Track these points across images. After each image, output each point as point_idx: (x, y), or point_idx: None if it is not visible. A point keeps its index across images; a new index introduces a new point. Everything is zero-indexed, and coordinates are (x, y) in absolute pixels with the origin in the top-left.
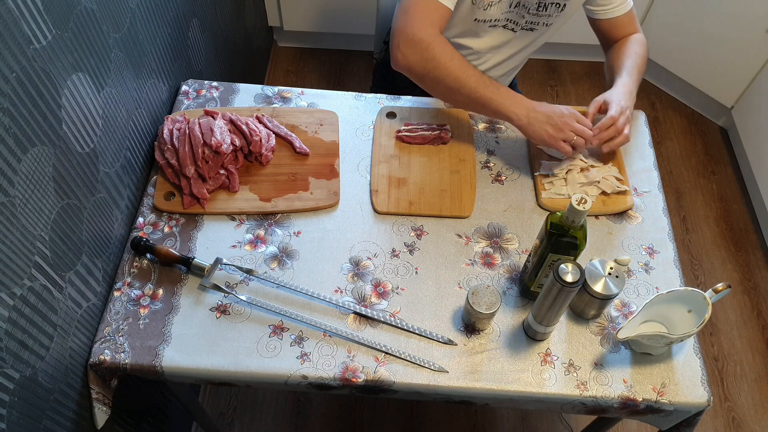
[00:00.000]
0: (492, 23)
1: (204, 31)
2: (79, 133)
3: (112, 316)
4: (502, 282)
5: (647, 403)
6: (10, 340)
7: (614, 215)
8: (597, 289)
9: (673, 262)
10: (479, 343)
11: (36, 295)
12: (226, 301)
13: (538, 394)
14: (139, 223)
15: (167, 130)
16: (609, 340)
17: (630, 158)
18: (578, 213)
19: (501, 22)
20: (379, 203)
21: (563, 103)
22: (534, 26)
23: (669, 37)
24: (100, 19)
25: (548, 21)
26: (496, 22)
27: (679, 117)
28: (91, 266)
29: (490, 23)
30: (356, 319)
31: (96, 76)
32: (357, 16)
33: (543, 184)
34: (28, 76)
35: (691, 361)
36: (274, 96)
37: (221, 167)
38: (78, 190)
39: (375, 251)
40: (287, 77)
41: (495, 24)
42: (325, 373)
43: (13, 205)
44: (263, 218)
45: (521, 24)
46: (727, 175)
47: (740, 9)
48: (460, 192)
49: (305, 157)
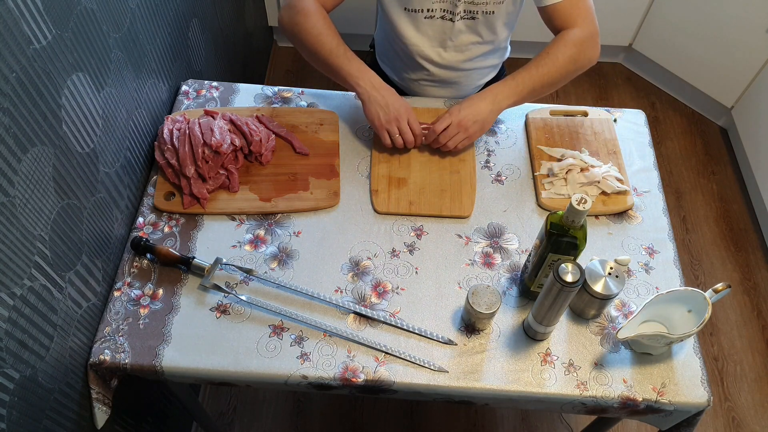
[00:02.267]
0: (427, 14)
1: (204, 31)
2: (79, 133)
3: (112, 316)
4: (502, 282)
5: (647, 403)
6: (10, 340)
7: (614, 215)
8: (597, 289)
9: (673, 262)
10: (479, 343)
11: (36, 295)
12: (226, 301)
13: (538, 394)
14: (139, 223)
15: (167, 130)
16: (609, 340)
17: (630, 158)
18: (578, 213)
19: (437, 13)
20: (379, 203)
21: (563, 103)
22: (474, 15)
23: (669, 37)
24: (100, 19)
25: (486, 8)
26: (431, 13)
27: (679, 117)
28: (91, 266)
29: (425, 14)
30: (356, 319)
31: (96, 76)
32: (357, 16)
33: (543, 184)
34: (28, 76)
35: (691, 361)
36: (274, 96)
37: (221, 167)
38: (78, 190)
39: (375, 251)
40: (287, 77)
41: (431, 15)
42: (325, 373)
43: (13, 205)
44: (263, 218)
45: (459, 13)
46: (727, 175)
47: (740, 9)
48: (460, 192)
49: (305, 157)
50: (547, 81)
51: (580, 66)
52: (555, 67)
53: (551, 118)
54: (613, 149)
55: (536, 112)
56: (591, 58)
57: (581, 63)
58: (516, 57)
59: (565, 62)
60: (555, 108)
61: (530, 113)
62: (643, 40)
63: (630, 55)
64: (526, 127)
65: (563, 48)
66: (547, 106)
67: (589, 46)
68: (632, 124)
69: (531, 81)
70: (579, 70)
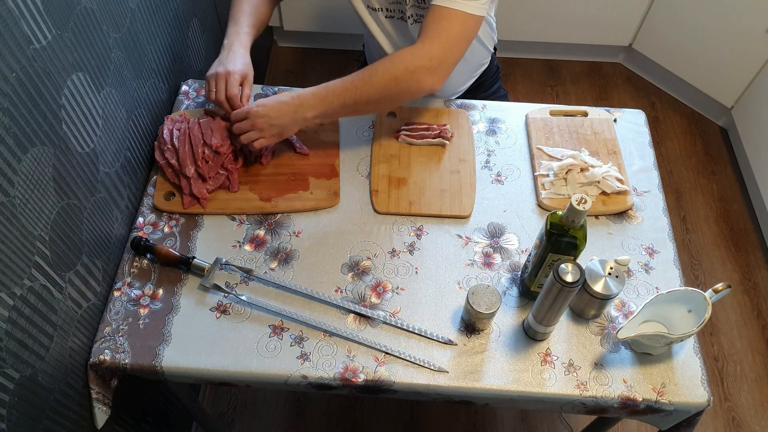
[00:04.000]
0: (387, 13)
1: (204, 31)
2: (79, 133)
3: (112, 316)
4: (502, 282)
5: (647, 403)
6: (10, 340)
7: (614, 215)
8: (597, 289)
9: (673, 262)
10: (479, 343)
11: (36, 295)
12: (226, 301)
13: (538, 394)
14: (139, 223)
15: (167, 130)
16: (609, 340)
17: (630, 158)
18: (578, 213)
19: (396, 13)
20: (379, 203)
21: (563, 103)
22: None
23: (669, 37)
24: (100, 19)
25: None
26: (390, 12)
27: (679, 117)
28: (91, 266)
29: (385, 12)
30: (356, 319)
31: (96, 76)
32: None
33: (543, 184)
34: (28, 76)
35: (691, 361)
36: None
37: (221, 167)
38: (78, 190)
39: (375, 251)
40: (287, 77)
41: (390, 15)
42: (325, 373)
43: (13, 205)
44: (263, 218)
45: (411, 15)
46: (727, 175)
47: (740, 9)
48: (460, 192)
49: (305, 157)
50: (362, 98)
51: (404, 89)
52: (373, 84)
53: (551, 118)
54: (613, 149)
55: (536, 112)
56: (420, 83)
57: (407, 85)
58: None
59: (385, 81)
60: (555, 108)
61: (530, 113)
62: (643, 40)
63: (630, 55)
64: (526, 127)
65: (390, 65)
66: (547, 106)
67: (419, 67)
68: (632, 124)
69: (344, 95)
70: (405, 94)
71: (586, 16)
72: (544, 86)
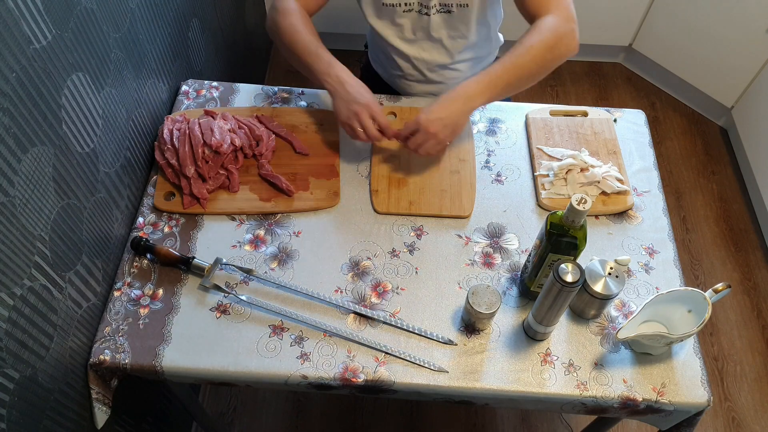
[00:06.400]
0: (405, 8)
1: (204, 31)
2: (79, 133)
3: (112, 316)
4: (502, 282)
5: (647, 403)
6: (10, 340)
7: (614, 215)
8: (597, 289)
9: (673, 262)
10: (479, 343)
11: (36, 295)
12: (226, 301)
13: (538, 394)
14: (139, 223)
15: (167, 130)
16: (609, 340)
17: (630, 158)
18: (578, 213)
19: (414, 6)
20: (379, 203)
21: (563, 103)
22: (449, 8)
23: (669, 37)
24: (100, 19)
25: (461, 1)
26: (408, 7)
27: (679, 117)
28: (91, 266)
29: (404, 8)
30: (356, 319)
31: (96, 76)
32: (355, 16)
33: (543, 184)
34: (28, 76)
35: (691, 361)
36: (274, 96)
37: (221, 167)
38: (78, 190)
39: (375, 251)
40: (287, 77)
41: (408, 8)
42: (325, 373)
43: (13, 205)
44: (263, 218)
45: (434, 6)
46: (727, 175)
47: (740, 9)
48: (460, 192)
49: (305, 157)
50: (523, 73)
51: (558, 55)
52: (530, 56)
53: (551, 118)
54: (613, 149)
55: (536, 112)
56: (569, 45)
57: (559, 51)
58: None
59: (541, 51)
60: (555, 108)
61: (530, 113)
62: (643, 40)
63: (630, 55)
64: (526, 127)
65: (538, 36)
66: (547, 106)
67: (566, 32)
68: (632, 124)
69: (506, 75)
70: (558, 59)
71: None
72: (544, 86)
